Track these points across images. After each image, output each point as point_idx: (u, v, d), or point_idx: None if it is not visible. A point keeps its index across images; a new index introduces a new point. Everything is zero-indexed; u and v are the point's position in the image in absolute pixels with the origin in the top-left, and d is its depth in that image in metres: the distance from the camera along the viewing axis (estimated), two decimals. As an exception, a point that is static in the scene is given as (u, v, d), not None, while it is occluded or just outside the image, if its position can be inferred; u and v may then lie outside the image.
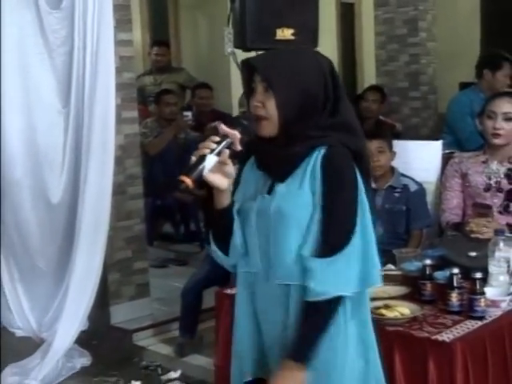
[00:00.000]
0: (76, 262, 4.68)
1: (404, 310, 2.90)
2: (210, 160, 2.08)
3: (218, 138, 2.11)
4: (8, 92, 4.74)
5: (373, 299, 3.00)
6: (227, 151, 2.11)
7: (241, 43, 4.84)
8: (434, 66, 7.68)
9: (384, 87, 7.28)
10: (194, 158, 2.09)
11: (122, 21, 5.13)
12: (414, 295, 3.09)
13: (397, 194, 4.23)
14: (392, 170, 4.29)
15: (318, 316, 2.16)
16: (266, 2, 4.77)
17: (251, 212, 2.25)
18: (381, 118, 6.40)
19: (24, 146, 4.81)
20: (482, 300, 2.87)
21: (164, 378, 4.49)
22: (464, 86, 6.37)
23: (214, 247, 2.32)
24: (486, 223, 3.67)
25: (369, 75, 8.98)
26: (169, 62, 8.01)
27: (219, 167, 2.11)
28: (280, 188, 2.22)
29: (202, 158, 2.07)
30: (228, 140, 2.11)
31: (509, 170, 3.90)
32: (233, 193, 2.31)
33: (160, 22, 8.97)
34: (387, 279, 3.32)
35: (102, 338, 5.05)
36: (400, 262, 3.47)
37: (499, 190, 3.90)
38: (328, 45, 9.48)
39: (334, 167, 2.17)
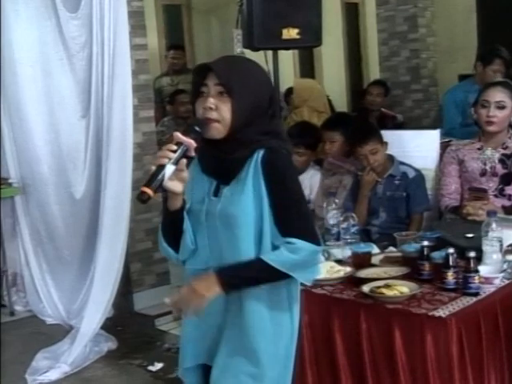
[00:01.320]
0: (100, 254, 4.73)
1: (403, 288, 2.91)
2: (169, 169, 2.07)
3: (174, 147, 2.09)
4: (33, 96, 4.81)
5: (374, 279, 3.06)
6: (184, 160, 2.10)
7: (249, 43, 4.85)
8: (433, 60, 7.68)
9: (387, 81, 7.28)
10: (153, 168, 2.08)
11: (137, 26, 5.18)
12: (413, 275, 3.10)
13: (397, 182, 4.24)
14: (391, 159, 4.30)
15: (267, 274, 2.19)
16: (271, 3, 4.78)
17: (201, 214, 2.26)
18: (382, 109, 6.41)
19: (48, 146, 4.88)
20: (476, 277, 2.88)
21: (185, 359, 4.51)
22: (463, 77, 6.35)
23: (164, 245, 2.33)
24: (481, 206, 3.68)
25: (373, 70, 8.98)
26: (184, 64, 8.03)
27: (176, 174, 2.10)
28: (226, 190, 2.24)
29: (161, 168, 2.06)
30: (183, 148, 2.09)
31: (503, 155, 3.91)
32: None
33: (175, 28, 8.99)
34: (388, 260, 3.38)
35: (126, 324, 5.11)
36: (400, 244, 3.48)
37: (494, 174, 3.91)
38: (334, 43, 9.50)
39: (277, 167, 2.20)
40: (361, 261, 3.33)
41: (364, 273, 3.17)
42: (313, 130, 5.00)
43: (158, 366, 4.48)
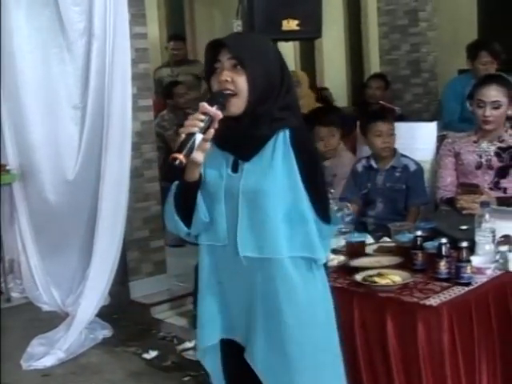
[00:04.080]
0: (97, 242, 4.76)
1: (395, 277, 2.94)
2: (198, 138, 2.08)
3: (202, 117, 2.09)
4: (31, 83, 4.83)
5: (368, 268, 3.08)
6: (212, 130, 2.11)
7: (249, 34, 4.86)
8: (434, 55, 7.67)
9: (387, 75, 7.29)
10: (183, 136, 2.08)
11: (137, 15, 5.18)
12: (406, 264, 3.13)
13: (398, 174, 4.29)
14: (394, 151, 4.34)
15: None
16: (272, -6, 4.80)
17: (219, 190, 2.26)
18: (381, 102, 6.42)
19: (45, 133, 4.90)
20: (469, 267, 2.91)
21: (179, 347, 4.54)
22: (462, 72, 6.37)
23: (176, 218, 2.29)
24: (475, 199, 3.70)
25: (374, 64, 8.98)
26: (185, 55, 8.05)
27: (201, 144, 2.11)
28: (248, 166, 2.24)
29: (191, 136, 2.07)
30: (209, 118, 2.10)
31: (499, 148, 3.93)
32: None
33: (177, 18, 9.03)
34: (382, 250, 3.41)
35: (122, 312, 5.13)
36: (394, 234, 3.51)
37: (490, 167, 3.93)
38: (335, 36, 9.53)
39: (309, 149, 2.26)
40: (354, 250, 3.36)
41: (357, 262, 3.20)
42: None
43: (153, 353, 4.51)
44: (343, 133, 5.85)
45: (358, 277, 2.99)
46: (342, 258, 3.27)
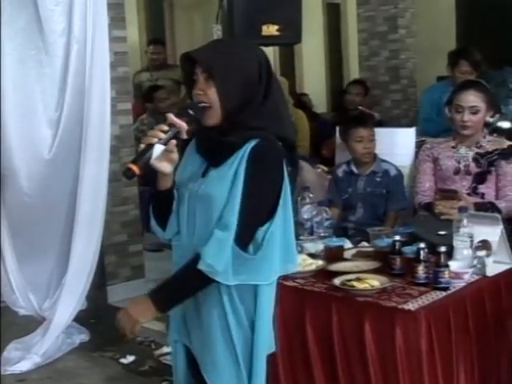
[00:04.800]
0: (75, 246, 4.71)
1: (374, 282, 2.94)
2: (157, 149, 2.09)
3: (166, 128, 2.11)
4: (8, 86, 4.80)
5: (346, 273, 3.08)
6: (174, 142, 2.12)
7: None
8: (413, 61, 7.72)
9: (367, 81, 7.32)
10: (142, 146, 2.10)
11: (117, 18, 5.18)
12: (384, 269, 3.13)
13: (378, 179, 4.31)
14: (374, 156, 4.35)
15: (194, 279, 2.21)
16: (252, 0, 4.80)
17: (186, 192, 2.29)
18: (360, 108, 6.44)
19: (20, 137, 4.87)
20: (447, 272, 2.92)
21: (157, 352, 4.52)
22: (441, 79, 6.40)
23: (152, 222, 2.37)
24: (452, 205, 3.71)
25: (353, 70, 9.02)
26: (165, 60, 8.01)
27: (165, 154, 2.13)
28: (212, 172, 2.25)
29: (150, 147, 2.08)
30: (174, 129, 2.11)
31: (477, 154, 3.95)
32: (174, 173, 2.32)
33: (156, 22, 9.01)
34: (360, 255, 3.41)
35: (99, 316, 5.09)
36: (373, 239, 3.51)
37: (468, 173, 3.95)
38: (315, 42, 9.55)
39: (261, 160, 2.18)
40: (333, 254, 3.36)
41: (336, 266, 3.20)
42: None
43: (130, 358, 4.48)
44: (322, 138, 5.89)
45: (337, 281, 2.99)
46: (320, 262, 3.26)
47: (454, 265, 2.99)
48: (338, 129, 4.76)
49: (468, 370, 2.92)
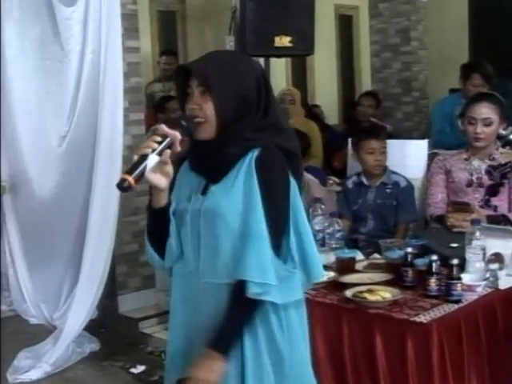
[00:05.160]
0: (86, 255, 4.72)
1: (385, 294, 2.93)
2: (152, 159, 1.98)
3: (159, 138, 2.00)
4: (21, 95, 4.82)
5: (357, 285, 3.07)
6: (168, 151, 2.01)
7: (241, 50, 4.87)
8: (425, 73, 7.74)
9: (378, 93, 7.32)
10: (135, 157, 1.98)
11: (130, 29, 5.18)
12: (396, 281, 3.12)
13: (388, 190, 4.30)
14: (384, 168, 4.35)
15: (246, 310, 2.08)
16: (265, 11, 4.81)
17: (186, 213, 2.16)
18: (372, 119, 6.44)
19: (34, 146, 4.89)
20: (459, 285, 2.90)
21: (167, 362, 4.51)
22: (453, 91, 6.40)
23: (149, 248, 2.21)
24: (465, 217, 3.69)
25: (365, 82, 9.02)
26: (176, 71, 8.02)
27: (159, 167, 2.01)
28: (213, 188, 2.14)
29: (144, 158, 1.97)
30: (168, 140, 2.01)
31: (489, 166, 3.93)
32: (169, 193, 2.17)
33: (169, 32, 9.02)
34: (372, 267, 3.40)
35: (110, 326, 5.10)
36: (385, 251, 3.50)
37: (480, 185, 3.93)
38: (327, 54, 9.54)
39: (269, 170, 2.09)
40: (345, 266, 3.35)
41: (347, 278, 3.19)
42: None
43: (141, 368, 4.48)
44: (333, 150, 5.87)
45: (348, 293, 2.97)
46: (331, 274, 3.25)
47: (466, 277, 2.98)
48: (350, 140, 4.75)
49: (480, 383, 2.90)
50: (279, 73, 8.03)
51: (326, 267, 3.35)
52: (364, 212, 4.30)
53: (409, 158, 4.53)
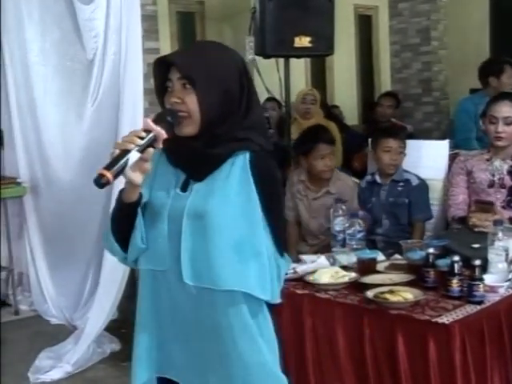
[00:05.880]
0: (107, 255, 4.73)
1: (407, 294, 2.91)
2: (133, 156, 1.87)
3: (143, 134, 1.90)
4: (43, 97, 4.85)
5: (379, 285, 3.06)
6: (151, 150, 1.91)
7: (261, 51, 4.90)
8: (445, 73, 7.71)
9: (398, 93, 7.30)
10: (116, 151, 1.87)
11: (150, 30, 5.22)
12: (417, 282, 3.10)
13: (399, 188, 4.29)
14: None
15: None
16: (284, 11, 4.82)
17: (163, 209, 2.08)
18: (393, 120, 6.43)
19: (56, 146, 4.92)
20: (481, 286, 2.88)
21: (186, 363, 4.51)
22: (474, 92, 6.38)
23: (111, 239, 2.11)
24: (487, 217, 3.67)
25: (385, 82, 8.99)
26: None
27: (139, 163, 1.91)
28: (198, 186, 2.06)
29: (126, 153, 1.86)
30: (151, 136, 1.91)
31: (511, 166, 3.91)
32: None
33: (188, 34, 9.04)
34: (393, 268, 3.39)
35: (130, 326, 5.08)
36: (406, 251, 3.49)
37: (502, 186, 3.91)
38: (347, 54, 9.52)
39: (269, 176, 2.07)
40: (366, 267, 3.34)
41: (369, 279, 3.18)
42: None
43: (161, 369, 4.48)
44: (351, 150, 5.84)
45: (370, 293, 2.96)
46: (353, 274, 3.25)
47: (488, 278, 2.96)
48: (370, 141, 4.74)
49: (503, 386, 2.89)
50: (298, 73, 8.02)
51: (347, 268, 3.37)
52: (378, 211, 4.29)
53: (429, 158, 4.50)
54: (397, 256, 3.59)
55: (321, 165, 4.38)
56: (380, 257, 3.54)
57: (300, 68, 8.52)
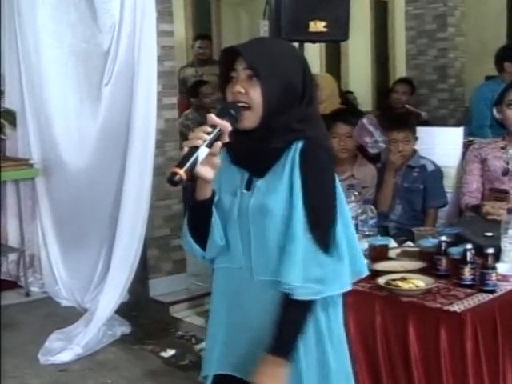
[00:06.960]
0: (118, 239, 4.76)
1: (419, 282, 2.91)
2: (203, 152, 1.90)
3: (209, 129, 1.92)
4: (54, 79, 4.86)
5: (391, 272, 3.05)
6: (219, 143, 1.93)
7: (276, 35, 4.85)
8: (461, 60, 7.64)
9: (413, 80, 7.25)
10: (185, 149, 1.90)
11: (164, 12, 5.18)
12: (429, 270, 3.09)
13: (415, 174, 4.27)
14: (413, 151, 4.31)
15: (299, 311, 2.04)
16: (299, -5, 4.79)
17: (233, 209, 2.10)
18: (407, 106, 6.39)
19: (67, 129, 4.94)
20: (494, 274, 2.87)
21: (197, 347, 4.53)
22: (490, 79, 6.33)
23: (189, 239, 2.14)
24: (501, 206, 3.64)
25: (400, 68, 8.96)
26: (210, 55, 8.01)
27: (208, 159, 1.92)
28: (259, 183, 2.08)
29: (195, 150, 1.89)
30: (217, 131, 1.93)
31: (527, 155, 3.88)
32: None
33: (203, 17, 9.02)
34: (405, 255, 3.38)
35: (141, 310, 5.14)
36: (418, 239, 3.48)
37: (517, 174, 3.89)
38: (362, 40, 9.50)
39: (314, 161, 2.04)
40: (378, 254, 3.33)
41: (380, 265, 3.17)
42: None
43: (171, 352, 4.50)
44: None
45: (381, 280, 2.96)
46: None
47: (501, 267, 2.95)
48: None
49: (515, 374, 2.87)
50: (313, 58, 7.99)
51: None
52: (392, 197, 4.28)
53: (444, 145, 4.47)
54: (409, 243, 3.58)
55: (336, 144, 4.37)
56: (392, 244, 3.53)
57: (315, 53, 8.50)
